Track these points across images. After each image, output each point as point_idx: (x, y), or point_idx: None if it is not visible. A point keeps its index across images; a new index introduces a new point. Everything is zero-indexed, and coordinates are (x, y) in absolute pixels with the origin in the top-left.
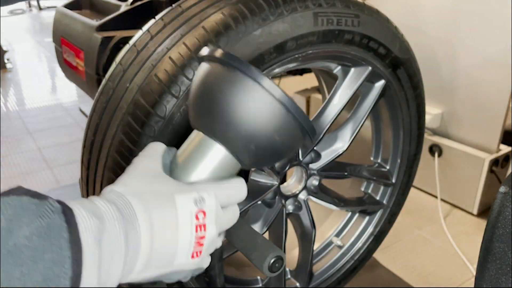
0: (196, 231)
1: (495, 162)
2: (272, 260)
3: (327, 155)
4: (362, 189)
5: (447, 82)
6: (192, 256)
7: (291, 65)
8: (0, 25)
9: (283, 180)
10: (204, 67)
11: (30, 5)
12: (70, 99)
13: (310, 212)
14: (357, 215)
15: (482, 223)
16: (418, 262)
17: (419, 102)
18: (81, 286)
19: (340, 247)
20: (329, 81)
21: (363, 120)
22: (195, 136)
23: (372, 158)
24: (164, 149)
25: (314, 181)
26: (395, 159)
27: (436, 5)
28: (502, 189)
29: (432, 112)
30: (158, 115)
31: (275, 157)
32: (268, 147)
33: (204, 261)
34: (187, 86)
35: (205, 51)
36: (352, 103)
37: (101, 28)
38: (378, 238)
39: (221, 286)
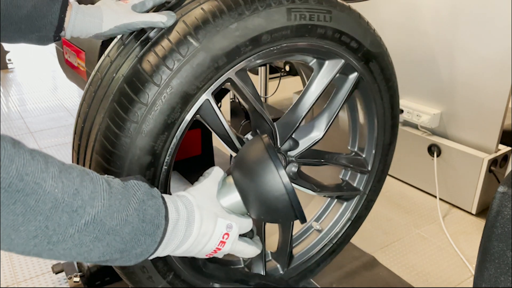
0: (219, 244)
1: (493, 162)
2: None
3: (304, 143)
4: (341, 176)
5: (446, 83)
6: (208, 255)
7: (269, 58)
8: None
9: None
10: (258, 143)
11: None
12: (71, 99)
13: None
14: (335, 201)
15: (480, 223)
16: (417, 261)
17: (392, 94)
18: (160, 245)
19: (319, 231)
20: (309, 74)
21: (337, 111)
22: (231, 179)
23: (349, 147)
24: (223, 175)
25: (293, 168)
26: (371, 148)
27: (435, 6)
28: (501, 188)
29: (431, 112)
30: (141, 102)
31: (271, 221)
32: (267, 216)
33: (217, 256)
34: (168, 75)
35: (265, 138)
36: (329, 95)
37: None
38: (355, 223)
39: (201, 262)
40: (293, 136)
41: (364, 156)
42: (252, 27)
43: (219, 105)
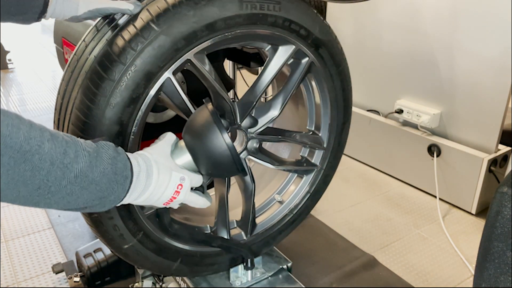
0: (174, 194)
1: (493, 162)
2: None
3: (262, 121)
4: (301, 153)
5: (446, 83)
6: (165, 204)
7: (226, 43)
8: (1, 25)
9: None
10: (203, 110)
11: None
12: None
13: (250, 170)
14: (295, 175)
15: (480, 223)
16: (417, 261)
17: (342, 78)
18: (128, 193)
19: (280, 202)
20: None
21: (291, 92)
22: (183, 142)
23: (307, 126)
24: (175, 138)
25: (254, 144)
26: (326, 127)
27: (435, 6)
28: (501, 188)
29: (431, 112)
30: (109, 78)
31: (217, 175)
32: (214, 171)
33: (172, 206)
34: (133, 55)
35: (209, 105)
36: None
37: None
38: (314, 196)
39: (167, 222)
40: (252, 114)
41: (320, 134)
42: (207, 14)
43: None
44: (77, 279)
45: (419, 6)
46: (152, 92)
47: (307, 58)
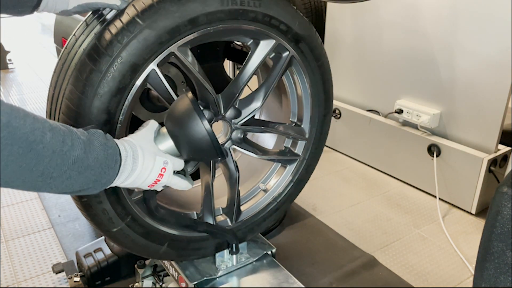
0: (158, 176)
1: (493, 162)
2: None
3: (246, 112)
4: (284, 144)
5: (445, 83)
6: (150, 186)
7: (209, 37)
8: (1, 25)
9: None
10: (183, 99)
11: None
12: None
13: (234, 159)
14: (279, 165)
15: (480, 223)
16: (417, 261)
17: (322, 71)
18: (117, 176)
19: (265, 191)
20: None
21: (273, 85)
22: (165, 129)
23: (290, 118)
24: (157, 125)
25: (238, 134)
26: (308, 119)
27: (435, 6)
28: (501, 188)
29: (430, 112)
30: (97, 70)
31: (198, 159)
32: (195, 155)
33: (156, 188)
34: (119, 48)
35: (189, 94)
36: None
37: None
38: (297, 185)
39: (153, 207)
40: (236, 106)
41: (302, 125)
42: (190, 10)
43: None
44: (77, 279)
45: (419, 6)
46: (138, 82)
47: (287, 52)
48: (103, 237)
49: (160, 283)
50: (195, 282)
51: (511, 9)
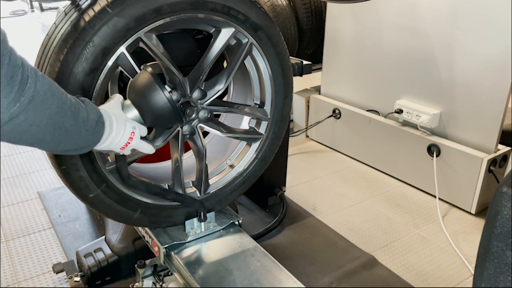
0: (129, 139)
1: (493, 162)
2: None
3: (210, 93)
4: (249, 124)
5: (445, 83)
6: (122, 148)
7: (173, 25)
8: (1, 26)
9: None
10: (144, 73)
11: (32, 7)
12: None
13: (201, 136)
14: (245, 143)
15: (480, 222)
16: (417, 261)
17: (281, 58)
18: (102, 135)
19: (231, 166)
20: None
21: (234, 69)
22: (129, 101)
23: (254, 100)
24: (122, 98)
25: (204, 113)
26: (269, 101)
27: (435, 6)
28: (500, 188)
29: (430, 113)
30: (72, 52)
31: (161, 126)
32: (158, 122)
33: (126, 151)
34: (91, 33)
35: (148, 68)
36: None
37: None
38: (261, 162)
39: (125, 175)
40: (202, 88)
41: (265, 107)
42: (154, 0)
43: None
44: (78, 278)
45: (419, 6)
46: (109, 63)
47: (246, 40)
48: (103, 237)
49: (160, 283)
50: (166, 245)
51: (511, 9)
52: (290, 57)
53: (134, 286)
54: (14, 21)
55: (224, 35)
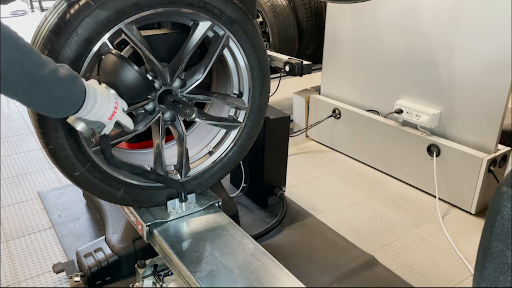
0: (114, 109)
1: (493, 162)
2: None
3: (190, 83)
4: (229, 113)
5: (445, 83)
6: (110, 118)
7: (153, 18)
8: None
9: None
10: (111, 55)
11: (32, 7)
12: None
13: (181, 122)
14: (224, 131)
15: (480, 222)
16: (417, 260)
17: (256, 50)
18: (86, 101)
19: (211, 152)
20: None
21: (212, 60)
22: (104, 84)
23: (233, 90)
24: (97, 81)
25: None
26: (247, 91)
27: (435, 6)
28: (500, 188)
29: (430, 113)
30: (58, 41)
31: (137, 99)
32: (134, 96)
33: (110, 125)
34: (75, 24)
35: (114, 51)
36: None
37: None
38: (239, 148)
39: (109, 155)
40: (182, 77)
41: (243, 97)
42: None
43: None
44: (78, 278)
45: (419, 6)
46: (92, 52)
47: (223, 32)
48: (103, 237)
49: (160, 283)
50: (149, 223)
51: (511, 9)
52: (290, 57)
53: (134, 286)
54: (14, 22)
55: (202, 28)
